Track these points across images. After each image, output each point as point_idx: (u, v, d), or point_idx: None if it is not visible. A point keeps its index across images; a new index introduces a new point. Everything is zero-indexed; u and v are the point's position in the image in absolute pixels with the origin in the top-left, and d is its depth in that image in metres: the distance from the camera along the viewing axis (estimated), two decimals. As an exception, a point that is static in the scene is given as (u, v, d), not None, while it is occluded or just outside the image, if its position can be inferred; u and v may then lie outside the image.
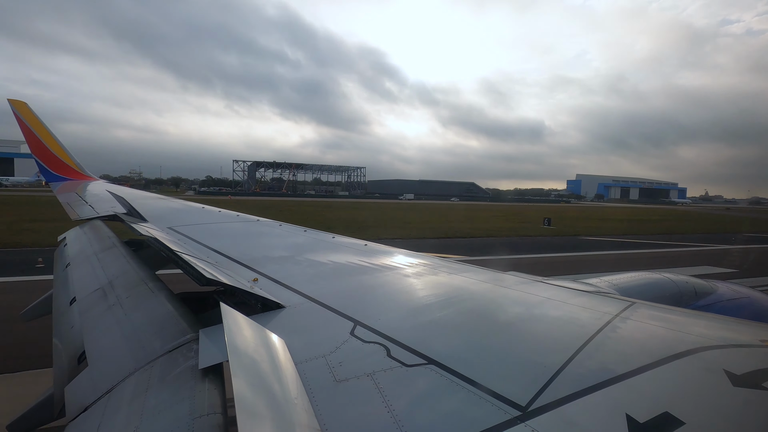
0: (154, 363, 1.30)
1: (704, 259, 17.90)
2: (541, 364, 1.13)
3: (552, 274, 3.18)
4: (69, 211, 5.14)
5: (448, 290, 1.96)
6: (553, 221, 34.63)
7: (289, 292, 1.83)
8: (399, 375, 1.11)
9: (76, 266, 2.92)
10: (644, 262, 17.46)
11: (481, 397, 0.99)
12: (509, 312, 1.64)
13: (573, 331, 1.38)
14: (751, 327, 1.52)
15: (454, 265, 2.37)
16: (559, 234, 27.70)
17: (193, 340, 1.37)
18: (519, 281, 2.02)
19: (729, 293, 2.87)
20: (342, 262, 2.47)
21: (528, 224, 34.75)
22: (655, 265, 15.32)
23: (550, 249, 20.27)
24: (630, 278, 2.82)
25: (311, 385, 1.07)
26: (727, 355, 1.20)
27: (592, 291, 1.94)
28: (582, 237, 26.19)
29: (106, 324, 1.75)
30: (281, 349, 1.20)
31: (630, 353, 1.21)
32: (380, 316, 1.55)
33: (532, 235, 26.48)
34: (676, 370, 1.10)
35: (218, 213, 4.91)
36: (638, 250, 21.12)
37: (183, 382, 1.13)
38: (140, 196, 5.84)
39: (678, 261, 17.59)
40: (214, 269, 1.85)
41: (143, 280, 2.15)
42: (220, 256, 2.57)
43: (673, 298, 2.70)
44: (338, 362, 1.18)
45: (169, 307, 1.72)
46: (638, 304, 1.64)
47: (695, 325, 1.50)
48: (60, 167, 8.11)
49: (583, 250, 20.50)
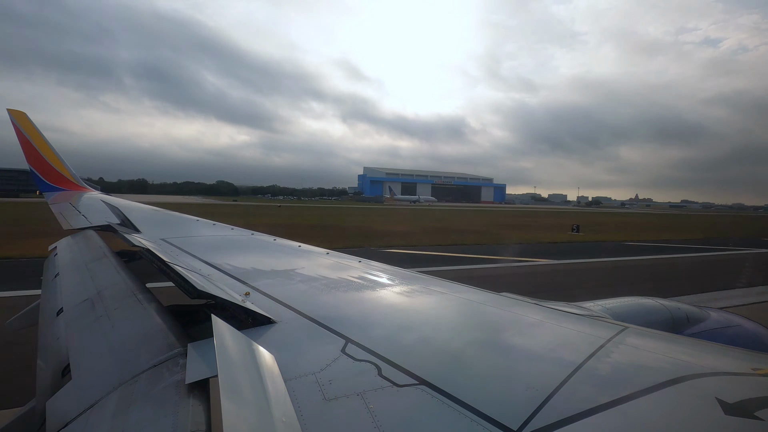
0: (138, 377, 1.27)
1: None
2: (533, 387, 1.12)
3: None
4: (61, 221, 5.10)
5: (441, 309, 1.95)
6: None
7: (281, 307, 1.81)
8: (390, 395, 1.09)
9: (66, 276, 2.88)
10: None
11: (473, 419, 0.98)
12: (502, 333, 1.63)
13: (566, 354, 1.37)
14: (743, 355, 1.53)
15: (447, 285, 2.36)
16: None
17: (180, 354, 1.34)
18: (513, 303, 2.02)
19: (720, 320, 2.88)
20: (335, 278, 2.46)
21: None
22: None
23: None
24: (623, 303, 2.82)
25: (300, 403, 1.05)
26: (719, 383, 1.19)
27: (585, 315, 1.93)
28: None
29: (93, 336, 1.72)
30: (271, 364, 1.18)
31: (623, 379, 1.20)
32: (372, 334, 1.54)
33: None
34: (669, 397, 1.09)
35: (213, 226, 4.89)
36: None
37: (167, 397, 1.10)
38: (135, 208, 5.81)
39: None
40: (205, 282, 1.83)
41: (133, 291, 2.12)
42: (213, 269, 2.55)
43: (665, 323, 2.70)
44: (328, 380, 1.16)
45: (158, 319, 1.69)
46: (631, 329, 1.64)
47: (688, 351, 1.50)
48: (55, 178, 8.09)
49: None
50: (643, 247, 25.74)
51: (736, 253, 24.33)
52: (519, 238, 28.63)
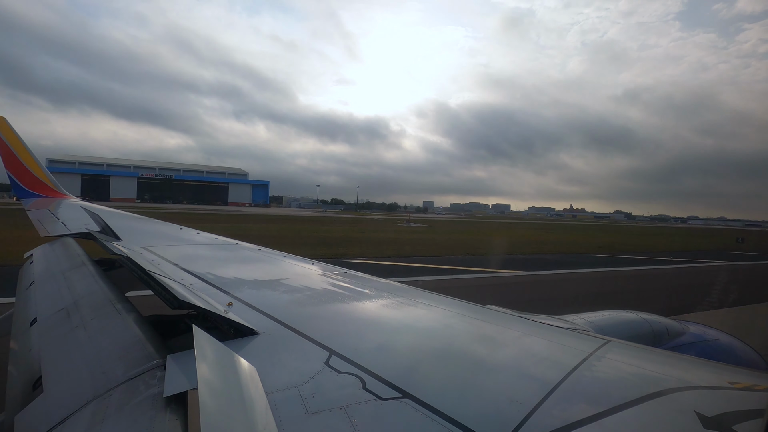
0: (113, 391, 1.23)
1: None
2: (517, 401, 1.12)
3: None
4: (39, 228, 4.95)
5: (426, 322, 1.95)
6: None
7: (265, 318, 1.79)
8: (373, 408, 1.08)
9: (41, 285, 2.79)
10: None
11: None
12: (487, 347, 1.64)
13: (550, 368, 1.38)
14: (720, 369, 1.57)
15: (433, 297, 2.37)
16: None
17: (158, 366, 1.31)
18: (497, 316, 2.03)
19: (698, 334, 2.96)
20: (320, 289, 2.44)
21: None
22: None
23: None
24: (605, 316, 2.87)
25: (281, 416, 1.03)
26: (698, 397, 1.22)
27: (569, 328, 1.96)
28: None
29: (67, 347, 1.66)
30: (252, 377, 1.15)
31: (605, 393, 1.21)
32: (357, 345, 1.52)
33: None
34: (650, 410, 1.11)
35: (196, 234, 4.82)
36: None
37: (143, 411, 1.07)
38: (116, 215, 5.69)
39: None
40: (187, 291, 1.79)
41: (111, 301, 2.06)
42: (195, 278, 2.50)
43: (646, 337, 2.75)
44: (311, 393, 1.14)
45: (137, 330, 1.64)
46: (613, 342, 1.66)
47: (668, 365, 1.53)
48: (34, 184, 7.90)
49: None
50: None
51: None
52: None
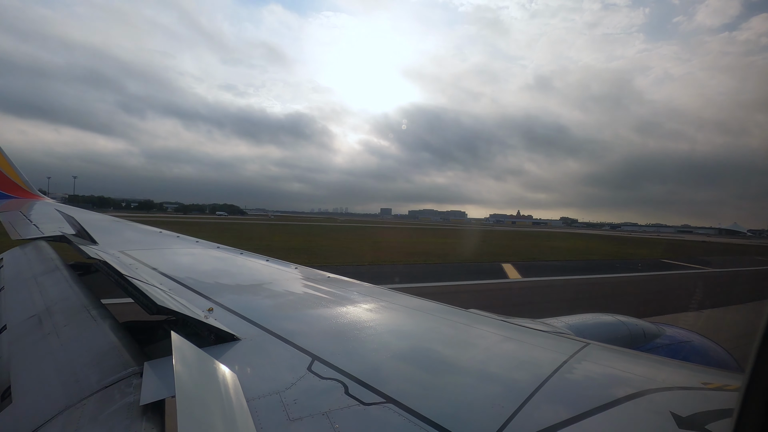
0: (87, 400, 1.19)
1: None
2: (498, 405, 1.13)
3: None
4: (10, 231, 4.77)
5: (409, 327, 1.95)
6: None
7: (246, 324, 1.76)
8: (356, 414, 1.07)
9: (11, 290, 2.68)
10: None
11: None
12: (469, 351, 1.65)
13: (531, 370, 1.40)
14: (694, 370, 1.62)
15: (415, 301, 2.37)
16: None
17: (135, 374, 1.27)
18: (479, 319, 2.05)
19: (674, 336, 3.04)
20: (303, 294, 2.42)
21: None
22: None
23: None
24: (585, 320, 2.92)
25: (263, 423, 1.01)
26: (673, 397, 1.25)
27: (550, 331, 1.99)
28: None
29: (38, 355, 1.59)
30: (233, 384, 1.13)
31: (584, 394, 1.23)
32: (339, 350, 1.51)
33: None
34: (627, 411, 1.13)
35: (176, 238, 4.72)
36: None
37: (118, 421, 1.03)
38: (93, 218, 5.52)
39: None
40: (166, 297, 1.75)
41: (86, 307, 1.99)
42: (175, 283, 2.45)
43: (624, 339, 2.81)
44: (293, 399, 1.13)
45: (113, 337, 1.59)
46: (592, 345, 1.69)
47: (644, 366, 1.57)
48: (5, 184, 7.62)
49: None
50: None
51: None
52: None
